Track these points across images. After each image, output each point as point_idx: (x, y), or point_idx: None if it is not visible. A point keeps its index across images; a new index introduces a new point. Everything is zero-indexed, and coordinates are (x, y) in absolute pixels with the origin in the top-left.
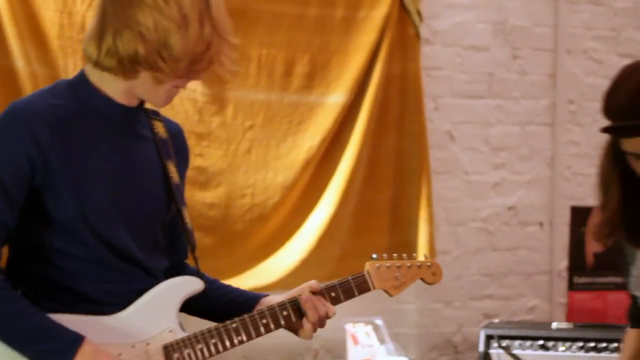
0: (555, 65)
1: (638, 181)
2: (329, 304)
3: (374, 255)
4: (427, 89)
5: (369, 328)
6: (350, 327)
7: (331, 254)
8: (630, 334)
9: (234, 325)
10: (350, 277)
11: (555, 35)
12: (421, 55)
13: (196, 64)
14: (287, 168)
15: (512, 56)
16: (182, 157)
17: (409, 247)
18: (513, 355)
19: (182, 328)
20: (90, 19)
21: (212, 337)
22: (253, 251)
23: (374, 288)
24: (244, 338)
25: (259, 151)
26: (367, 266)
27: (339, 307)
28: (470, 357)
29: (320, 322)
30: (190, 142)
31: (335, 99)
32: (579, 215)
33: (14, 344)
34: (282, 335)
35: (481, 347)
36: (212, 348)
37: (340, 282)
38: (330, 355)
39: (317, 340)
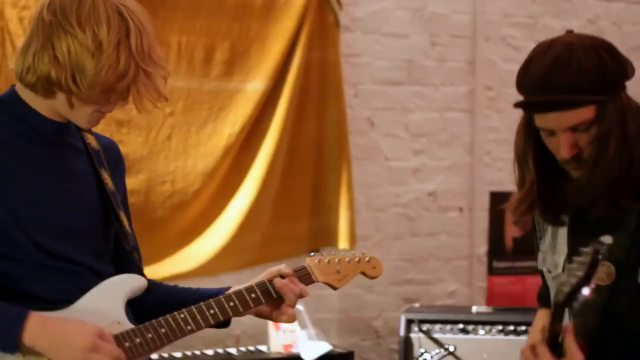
0: (473, 52)
1: (552, 157)
2: (301, 284)
3: (312, 253)
4: (346, 75)
5: None
6: None
7: (252, 241)
8: (539, 313)
9: (182, 315)
10: (292, 271)
11: (473, 22)
12: (341, 42)
13: (110, 92)
14: (207, 155)
15: (431, 43)
16: (117, 168)
17: (330, 233)
18: (433, 339)
19: (130, 321)
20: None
21: (161, 327)
22: (174, 238)
23: (318, 280)
24: (194, 327)
25: (179, 138)
26: (307, 261)
27: None
28: (391, 342)
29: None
30: (110, 128)
31: (255, 85)
32: (498, 200)
33: None
34: None
35: (402, 332)
36: (163, 337)
37: (268, 280)
38: (252, 341)
39: (239, 326)
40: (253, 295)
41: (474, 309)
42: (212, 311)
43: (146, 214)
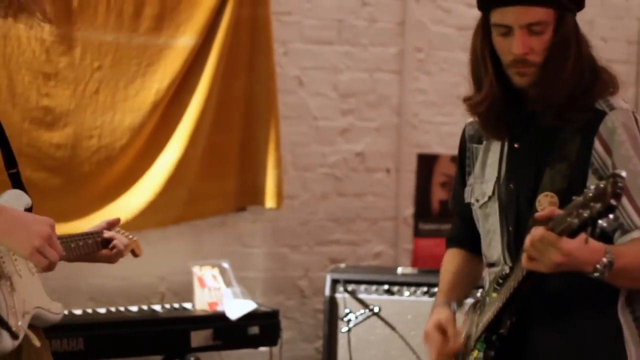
0: (404, 13)
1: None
2: (125, 238)
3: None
4: (276, 33)
5: (216, 271)
6: (197, 270)
7: (179, 197)
8: (451, 251)
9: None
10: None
11: None
12: (271, 0)
13: None
14: (135, 110)
15: (362, 3)
16: None
17: (257, 191)
18: (358, 300)
19: None
20: None
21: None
22: (100, 193)
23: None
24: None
25: (107, 92)
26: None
27: (184, 249)
28: (316, 302)
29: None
30: (37, 81)
31: (184, 41)
32: (425, 162)
33: None
34: (129, 278)
35: (327, 292)
36: None
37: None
38: (177, 298)
39: (164, 283)
40: (81, 243)
41: (399, 270)
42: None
43: (73, 168)
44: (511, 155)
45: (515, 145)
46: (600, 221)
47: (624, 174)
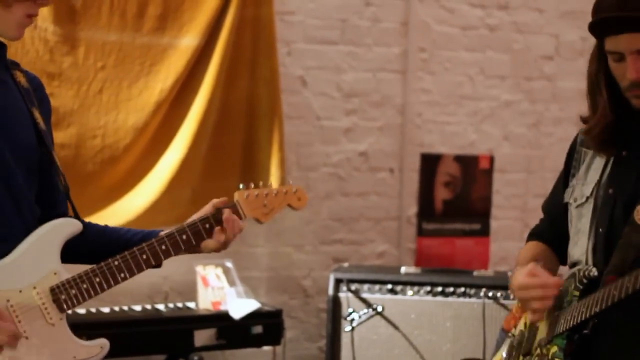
0: (407, 13)
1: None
2: (240, 221)
3: (242, 185)
4: (280, 33)
5: (219, 270)
6: (200, 269)
7: (182, 197)
8: (532, 242)
9: (116, 263)
10: (223, 208)
11: None
12: (274, 0)
13: None
14: (138, 110)
15: (365, 3)
16: (45, 107)
17: None
18: (362, 299)
19: (65, 270)
20: None
21: (95, 276)
22: (104, 192)
23: (245, 217)
24: (127, 274)
25: (110, 92)
26: (236, 196)
27: None
28: (319, 301)
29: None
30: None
31: (187, 41)
32: (429, 162)
33: None
34: (132, 278)
35: (330, 291)
36: (97, 287)
37: (213, 213)
38: (181, 298)
39: (167, 283)
40: (184, 237)
41: (403, 269)
42: (144, 256)
43: (76, 168)
44: (617, 162)
45: (623, 153)
46: None
47: None
